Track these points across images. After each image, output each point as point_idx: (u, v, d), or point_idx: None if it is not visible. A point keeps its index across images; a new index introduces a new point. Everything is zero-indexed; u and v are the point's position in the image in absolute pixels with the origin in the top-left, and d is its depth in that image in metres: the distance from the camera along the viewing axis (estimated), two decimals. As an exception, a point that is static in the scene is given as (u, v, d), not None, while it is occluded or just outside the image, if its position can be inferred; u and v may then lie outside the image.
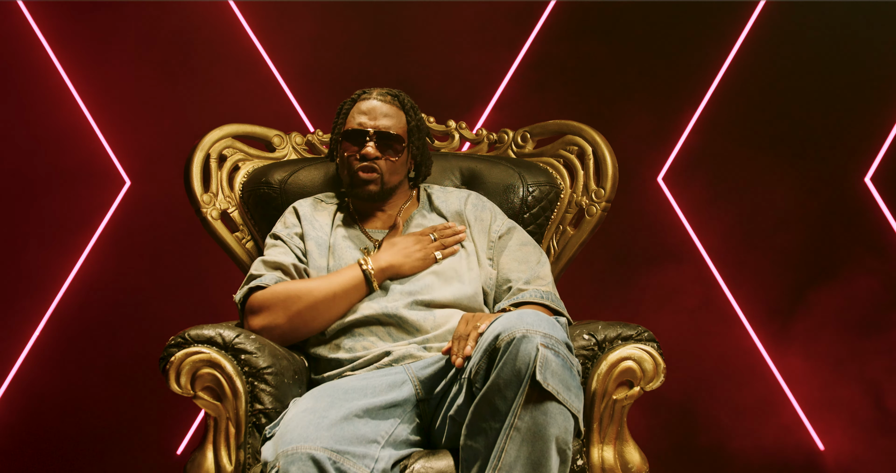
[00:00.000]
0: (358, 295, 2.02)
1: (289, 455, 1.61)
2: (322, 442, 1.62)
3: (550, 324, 1.66)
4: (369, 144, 2.10)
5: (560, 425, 1.62)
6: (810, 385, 3.33)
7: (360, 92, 2.19)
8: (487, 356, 1.66)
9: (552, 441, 1.61)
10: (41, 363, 3.29)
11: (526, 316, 1.67)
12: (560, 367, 1.62)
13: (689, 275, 3.38)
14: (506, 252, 2.14)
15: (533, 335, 1.62)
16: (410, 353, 1.95)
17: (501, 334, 1.64)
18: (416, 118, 2.18)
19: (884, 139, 3.36)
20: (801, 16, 3.37)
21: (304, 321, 1.99)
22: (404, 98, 2.18)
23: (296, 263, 2.08)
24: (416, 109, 2.19)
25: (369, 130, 2.11)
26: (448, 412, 1.78)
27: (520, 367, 1.60)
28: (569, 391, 1.62)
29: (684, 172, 3.39)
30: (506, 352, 1.62)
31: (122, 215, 3.34)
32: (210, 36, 3.34)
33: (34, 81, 3.32)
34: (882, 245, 3.34)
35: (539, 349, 1.60)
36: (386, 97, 2.15)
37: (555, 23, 3.40)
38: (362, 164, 2.11)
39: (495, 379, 1.62)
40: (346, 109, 2.17)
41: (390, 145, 2.12)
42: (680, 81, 3.39)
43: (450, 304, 2.04)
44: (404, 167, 2.18)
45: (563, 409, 1.62)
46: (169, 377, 1.84)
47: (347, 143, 2.13)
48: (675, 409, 3.31)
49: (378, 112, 2.13)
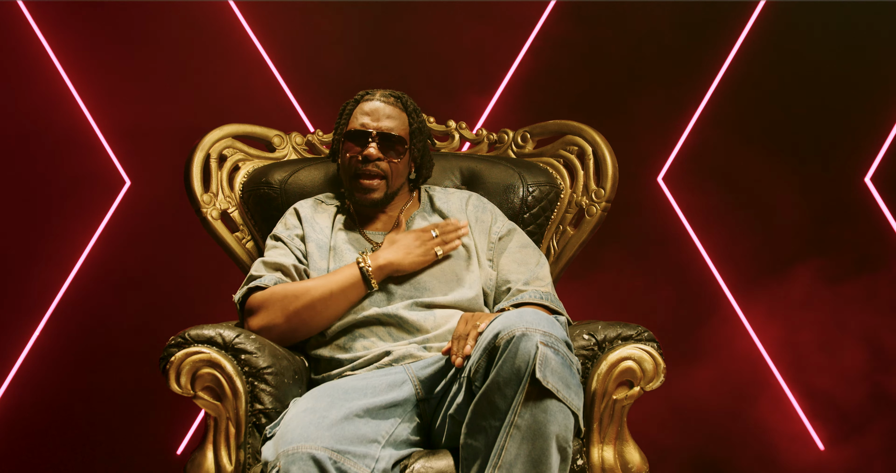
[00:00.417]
0: (357, 294, 2.01)
1: (289, 455, 1.61)
2: (323, 442, 1.62)
3: (550, 322, 1.66)
4: (371, 144, 2.10)
5: (560, 423, 1.62)
6: (810, 385, 3.33)
7: (363, 93, 2.18)
8: (487, 354, 1.66)
9: (552, 439, 1.61)
10: (41, 363, 3.29)
11: (525, 315, 1.67)
12: (560, 365, 1.62)
13: (689, 275, 3.38)
14: (505, 254, 2.14)
15: (532, 333, 1.62)
16: (411, 353, 1.95)
17: (501, 332, 1.64)
18: (418, 121, 2.18)
19: (884, 139, 3.36)
20: (801, 16, 3.37)
21: (303, 320, 1.99)
22: (407, 100, 2.18)
23: (296, 264, 2.07)
24: (418, 112, 2.19)
25: (372, 131, 2.11)
26: (448, 411, 1.78)
27: (519, 365, 1.61)
28: (569, 388, 1.63)
29: (684, 172, 3.39)
30: (505, 350, 1.62)
31: (122, 215, 3.34)
32: (210, 36, 3.34)
33: (34, 82, 3.32)
34: (882, 245, 3.34)
35: (539, 347, 1.61)
36: (389, 99, 2.15)
37: (555, 23, 3.40)
38: (365, 167, 2.10)
39: (495, 377, 1.62)
40: (349, 110, 2.17)
41: (392, 147, 2.12)
42: (680, 81, 3.39)
43: (450, 306, 2.04)
44: (406, 170, 2.18)
45: (562, 407, 1.62)
46: (169, 377, 1.84)
47: (350, 143, 2.13)
48: (674, 409, 3.31)
49: (381, 113, 2.13)
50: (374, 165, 2.10)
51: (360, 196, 2.12)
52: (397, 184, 2.15)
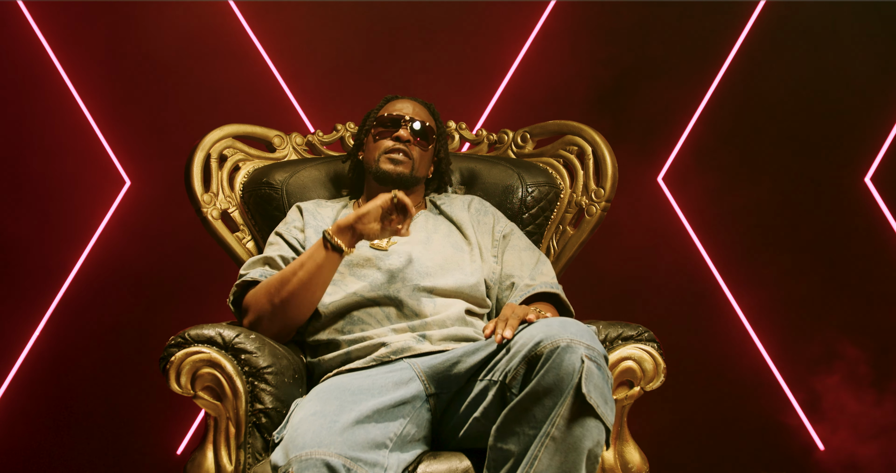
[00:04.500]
0: (331, 263, 1.98)
1: (302, 461, 1.59)
2: (336, 448, 1.61)
3: (591, 336, 1.66)
4: (403, 128, 2.19)
5: (594, 438, 1.61)
6: (811, 386, 3.33)
7: (390, 96, 2.30)
8: (527, 361, 1.64)
9: (584, 454, 1.61)
10: (41, 363, 3.29)
11: (569, 325, 1.66)
12: (601, 380, 1.62)
13: (689, 275, 3.38)
14: (509, 250, 2.18)
15: (577, 345, 1.61)
16: (409, 345, 1.95)
17: (543, 341, 1.63)
18: (442, 128, 2.31)
19: (884, 139, 3.36)
20: (801, 16, 3.37)
21: (292, 304, 1.97)
22: (433, 108, 2.31)
23: (283, 254, 2.08)
24: (441, 122, 2.32)
25: (405, 116, 2.21)
26: (470, 411, 1.76)
27: (563, 377, 1.59)
28: (606, 404, 1.62)
29: (684, 172, 3.39)
30: (548, 360, 1.61)
31: (122, 215, 3.34)
32: (210, 36, 3.34)
33: (35, 82, 3.32)
34: (882, 245, 3.34)
35: (584, 361, 1.60)
36: (417, 102, 2.28)
37: (555, 23, 3.40)
38: (395, 146, 2.18)
39: (535, 386, 1.61)
40: (378, 107, 2.29)
41: (424, 134, 2.21)
42: (680, 81, 3.39)
43: (452, 292, 2.05)
44: (428, 165, 2.26)
45: (599, 423, 1.61)
46: (169, 377, 1.84)
47: (381, 128, 2.21)
48: (674, 409, 3.31)
49: (412, 109, 2.25)
50: (404, 145, 2.18)
51: (387, 168, 2.17)
52: (421, 172, 2.23)
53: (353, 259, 2.08)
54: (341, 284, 2.06)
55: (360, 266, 2.07)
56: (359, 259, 2.08)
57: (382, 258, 2.08)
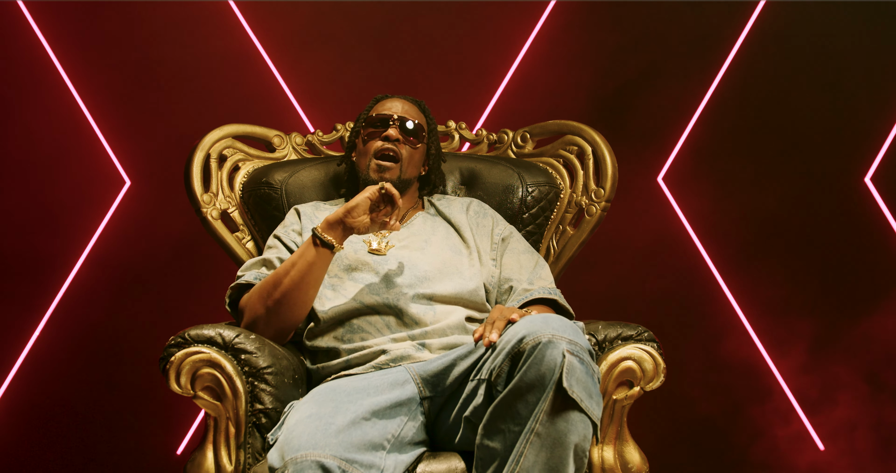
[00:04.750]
0: (323, 260, 1.98)
1: (297, 463, 1.59)
2: (331, 450, 1.60)
3: (574, 330, 1.65)
4: (392, 127, 2.18)
5: (580, 432, 1.61)
6: (811, 386, 3.33)
7: (380, 96, 2.30)
8: (510, 358, 1.64)
9: (571, 449, 1.60)
10: (41, 364, 3.29)
11: (551, 321, 1.65)
12: (584, 374, 1.61)
13: (689, 275, 3.38)
14: (508, 253, 2.17)
15: (559, 340, 1.61)
16: (409, 354, 1.95)
17: (526, 337, 1.63)
18: (433, 125, 2.29)
19: (884, 139, 3.36)
20: (801, 16, 3.37)
21: (286, 304, 1.96)
22: (424, 105, 2.30)
23: (280, 256, 2.08)
24: (433, 118, 2.30)
25: (393, 115, 2.20)
26: (462, 413, 1.76)
27: (544, 372, 1.59)
28: (591, 398, 1.61)
29: (684, 173, 3.39)
30: (530, 356, 1.60)
31: (122, 215, 3.34)
32: (210, 36, 3.34)
33: (35, 82, 3.32)
34: (882, 245, 3.34)
35: (565, 356, 1.59)
36: (406, 99, 2.27)
37: (555, 23, 3.40)
38: (385, 146, 2.17)
39: (518, 383, 1.61)
40: (368, 108, 2.28)
41: (411, 133, 2.20)
42: (680, 81, 3.39)
43: (451, 298, 2.04)
44: (419, 164, 2.24)
45: (584, 417, 1.61)
46: (169, 377, 1.84)
47: (371, 128, 2.21)
48: (674, 409, 3.31)
49: (402, 107, 2.24)
50: (394, 145, 2.17)
51: (375, 175, 2.16)
52: (410, 173, 2.20)
53: (352, 264, 2.08)
54: (340, 289, 2.05)
55: (358, 271, 2.07)
56: (357, 264, 2.07)
57: (381, 263, 2.07)
